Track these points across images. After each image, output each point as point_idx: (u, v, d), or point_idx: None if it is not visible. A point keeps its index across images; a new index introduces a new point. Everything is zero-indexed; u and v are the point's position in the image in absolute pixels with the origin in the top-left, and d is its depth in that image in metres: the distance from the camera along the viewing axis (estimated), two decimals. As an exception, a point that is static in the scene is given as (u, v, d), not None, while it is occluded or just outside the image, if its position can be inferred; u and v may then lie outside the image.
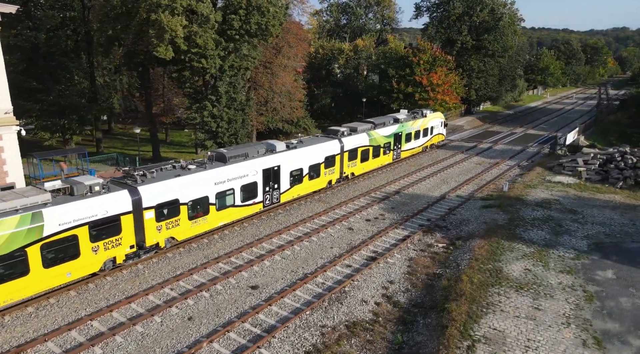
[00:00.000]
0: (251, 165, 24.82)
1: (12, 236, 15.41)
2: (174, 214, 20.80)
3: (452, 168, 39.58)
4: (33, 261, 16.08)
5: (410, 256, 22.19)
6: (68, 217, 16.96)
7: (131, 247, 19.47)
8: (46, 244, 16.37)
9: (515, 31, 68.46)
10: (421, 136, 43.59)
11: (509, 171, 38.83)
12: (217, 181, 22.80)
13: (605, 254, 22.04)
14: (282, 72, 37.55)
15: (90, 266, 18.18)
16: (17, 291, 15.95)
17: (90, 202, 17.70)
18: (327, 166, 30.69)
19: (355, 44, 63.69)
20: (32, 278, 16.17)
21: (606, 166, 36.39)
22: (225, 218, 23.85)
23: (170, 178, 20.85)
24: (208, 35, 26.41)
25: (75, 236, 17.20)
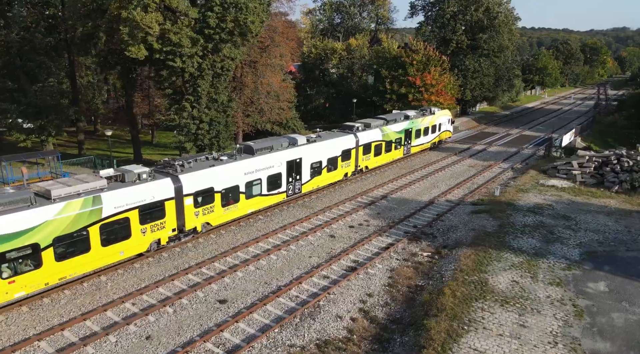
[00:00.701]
0: (276, 157, 26.55)
1: (77, 216, 17.37)
2: (209, 201, 22.72)
3: (443, 171, 38.45)
4: (93, 239, 18.04)
5: (392, 266, 21.06)
6: (122, 201, 18.82)
7: (173, 230, 21.35)
8: (104, 225, 18.30)
9: (511, 30, 67.22)
10: (430, 133, 44.87)
11: (502, 174, 37.71)
12: (246, 171, 24.62)
13: (598, 264, 20.93)
14: (268, 72, 36.42)
15: (139, 246, 20.05)
16: (80, 266, 17.96)
17: (139, 188, 19.55)
18: (343, 159, 32.59)
19: (348, 44, 62.52)
20: (92, 255, 18.15)
21: (602, 169, 35.27)
22: (253, 206, 25.65)
23: (206, 168, 22.74)
24: (183, 33, 25.29)
25: (127, 218, 19.09)
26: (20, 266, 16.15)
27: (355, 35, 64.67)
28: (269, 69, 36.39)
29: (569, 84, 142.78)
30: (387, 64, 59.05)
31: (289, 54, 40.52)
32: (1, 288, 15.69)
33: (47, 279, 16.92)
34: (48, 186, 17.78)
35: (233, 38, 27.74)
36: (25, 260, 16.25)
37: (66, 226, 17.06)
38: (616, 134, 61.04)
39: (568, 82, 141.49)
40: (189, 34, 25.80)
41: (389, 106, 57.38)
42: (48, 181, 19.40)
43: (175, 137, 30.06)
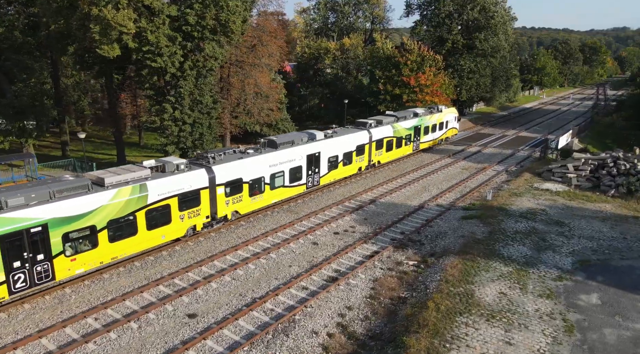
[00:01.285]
0: (297, 151, 28.20)
1: (127, 202, 19.09)
2: (238, 191, 24.44)
3: (436, 174, 37.48)
4: (140, 223, 19.71)
5: (375, 276, 20.11)
6: (164, 189, 20.53)
7: (207, 217, 23.04)
8: (149, 211, 20.00)
9: (507, 30, 66.21)
10: (437, 129, 46.45)
11: (495, 177, 36.75)
12: (270, 164, 26.30)
13: (591, 274, 19.98)
14: (256, 72, 35.44)
15: (178, 231, 21.74)
16: (129, 248, 19.62)
17: (178, 177, 21.28)
18: (358, 154, 34.20)
19: (342, 43, 61.53)
20: (139, 237, 19.83)
21: (598, 172, 34.33)
22: (277, 197, 27.38)
23: (236, 160, 24.45)
24: (160, 32, 24.33)
25: (168, 205, 20.80)
26: (80, 245, 17.97)
27: (349, 35, 63.63)
28: (257, 69, 35.42)
29: (568, 84, 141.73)
30: (381, 65, 58.12)
31: (279, 53, 39.54)
32: (65, 265, 17.53)
33: (101, 259, 18.79)
34: (101, 174, 19.78)
35: (216, 37, 26.78)
36: (84, 240, 18.08)
37: (118, 210, 18.89)
38: (614, 135, 60.05)
39: (567, 82, 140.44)
40: (167, 32, 24.81)
41: (383, 106, 56.42)
42: (99, 170, 21.13)
43: (158, 139, 29.09)
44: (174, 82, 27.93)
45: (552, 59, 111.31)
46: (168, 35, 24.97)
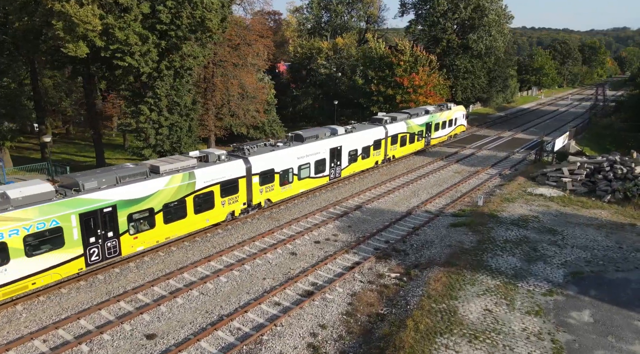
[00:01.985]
0: (321, 145, 30.20)
1: (179, 187, 21.22)
2: (270, 180, 26.48)
3: (426, 178, 36.27)
4: (189, 208, 21.81)
5: (354, 290, 18.90)
6: (208, 177, 22.57)
7: (244, 204, 25.13)
8: (196, 196, 22.08)
9: (502, 29, 65.01)
10: (447, 126, 48.61)
11: (488, 181, 35.52)
12: (298, 156, 28.31)
13: (584, 288, 18.78)
14: (241, 72, 34.22)
15: (220, 216, 23.85)
16: (179, 230, 21.72)
17: (220, 167, 23.36)
18: (375, 148, 36.16)
19: (334, 43, 60.29)
20: (187, 220, 21.95)
21: (594, 176, 33.11)
22: (303, 187, 29.42)
23: (268, 152, 26.48)
24: (130, 30, 23.10)
25: (212, 191, 22.85)
26: (141, 225, 20.00)
27: (342, 34, 62.40)
28: (241, 69, 34.20)
29: (567, 85, 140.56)
30: (374, 65, 56.92)
31: (267, 53, 38.36)
32: (129, 242, 19.63)
33: (157, 238, 20.86)
34: (156, 162, 21.87)
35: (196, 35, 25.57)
36: (144, 221, 20.08)
37: (171, 195, 20.94)
38: (613, 136, 58.84)
39: (566, 82, 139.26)
40: (138, 30, 23.59)
41: (376, 108, 55.25)
42: (153, 159, 23.28)
43: (133, 142, 27.90)
44: (151, 83, 26.73)
45: (550, 59, 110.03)
46: (139, 33, 23.74)
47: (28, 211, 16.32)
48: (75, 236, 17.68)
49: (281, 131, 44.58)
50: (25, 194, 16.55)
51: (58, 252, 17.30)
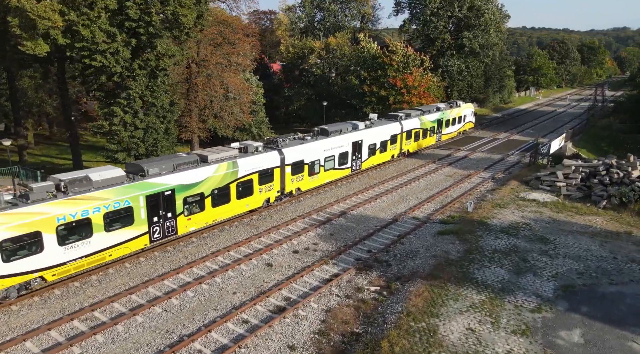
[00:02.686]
0: (344, 138, 32.52)
1: (225, 175, 23.46)
2: (300, 170, 28.75)
3: (416, 182, 35.05)
4: (232, 193, 24.08)
5: (329, 305, 17.70)
6: (249, 166, 24.87)
7: (278, 192, 27.45)
8: (239, 183, 24.39)
9: (499, 28, 63.83)
10: (457, 123, 50.89)
11: (480, 186, 34.31)
12: (324, 148, 30.48)
13: (574, 304, 17.59)
14: (224, 73, 32.98)
15: (257, 202, 26.17)
16: (224, 213, 24.06)
17: (259, 157, 25.65)
18: (391, 143, 38.55)
19: (327, 43, 59.07)
20: (231, 205, 24.28)
21: (589, 180, 31.92)
22: (328, 177, 31.73)
23: (299, 144, 28.67)
24: (96, 27, 21.89)
25: (251, 179, 25.09)
26: (193, 208, 22.29)
27: (335, 34, 61.19)
28: (225, 69, 32.96)
29: (565, 85, 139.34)
30: (367, 65, 55.76)
31: (253, 52, 37.16)
32: (184, 223, 22.00)
33: (206, 220, 23.19)
34: (204, 152, 24.16)
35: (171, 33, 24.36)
36: (196, 204, 22.35)
37: (218, 181, 23.17)
38: (611, 138, 57.63)
39: (565, 82, 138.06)
40: (105, 27, 22.37)
41: (369, 109, 54.09)
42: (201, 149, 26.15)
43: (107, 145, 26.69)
44: (124, 83, 25.51)
45: (548, 59, 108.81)
46: (106, 30, 22.52)
47: (107, 191, 18.79)
48: (142, 215, 20.09)
49: (268, 132, 43.38)
50: (103, 177, 18.98)
51: (129, 229, 19.74)
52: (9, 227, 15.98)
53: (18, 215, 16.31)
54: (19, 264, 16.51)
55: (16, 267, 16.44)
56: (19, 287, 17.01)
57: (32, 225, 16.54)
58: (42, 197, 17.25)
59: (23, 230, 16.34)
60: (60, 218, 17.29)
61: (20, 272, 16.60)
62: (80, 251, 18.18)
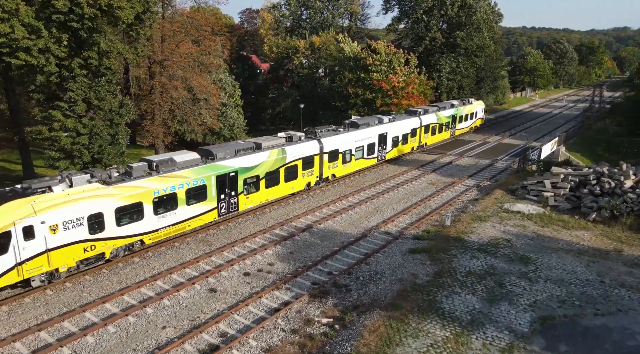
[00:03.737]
0: (372, 131, 35.36)
1: (275, 160, 26.51)
2: (335, 159, 31.64)
3: (395, 190, 32.74)
4: (281, 177, 27.12)
5: (271, 343, 15.39)
6: (294, 153, 27.79)
7: (317, 177, 30.46)
8: (286, 168, 27.34)
9: (492, 28, 61.50)
10: (469, 119, 53.76)
11: (463, 195, 32.01)
12: (355, 139, 33.37)
13: (553, 341, 15.31)
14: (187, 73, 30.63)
15: (300, 186, 29.22)
16: (273, 194, 27.15)
17: (302, 145, 28.58)
18: (411, 136, 41.43)
19: (311, 42, 56.73)
20: (279, 187, 27.24)
21: (579, 190, 29.64)
22: (358, 166, 34.78)
23: (334, 135, 31.57)
24: (16, 21, 19.58)
25: (296, 165, 28.01)
26: (251, 188, 25.31)
27: (319, 33, 58.84)
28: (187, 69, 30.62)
29: (563, 85, 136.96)
30: (349, 66, 53.38)
31: (224, 51, 34.86)
32: (243, 201, 25.05)
33: (260, 199, 26.22)
34: (258, 140, 27.28)
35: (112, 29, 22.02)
36: (253, 185, 25.41)
37: (270, 165, 26.14)
38: (606, 142, 55.30)
39: (562, 83, 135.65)
40: (27, 21, 20.03)
41: (354, 111, 51.74)
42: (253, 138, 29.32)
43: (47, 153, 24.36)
44: (65, 84, 23.20)
45: (543, 59, 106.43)
46: (29, 24, 20.22)
47: (187, 171, 22.11)
48: (213, 193, 23.26)
49: (244, 135, 41.06)
50: (184, 159, 22.40)
51: (203, 203, 22.97)
52: (121, 198, 19.40)
53: (127, 188, 19.70)
54: (127, 228, 19.89)
55: (125, 231, 19.84)
56: (125, 248, 20.40)
57: (136, 197, 19.91)
58: (141, 175, 20.65)
59: (130, 200, 19.74)
60: (155, 192, 20.68)
61: (128, 235, 20.04)
62: (168, 220, 21.50)
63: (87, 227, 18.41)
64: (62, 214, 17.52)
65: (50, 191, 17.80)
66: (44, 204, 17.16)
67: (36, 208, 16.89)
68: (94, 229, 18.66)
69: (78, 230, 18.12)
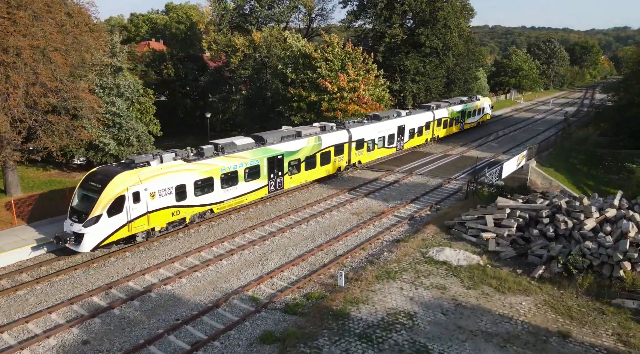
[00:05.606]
0: (392, 123, 39.48)
1: (313, 146, 30.98)
2: (361, 147, 36.01)
3: (304, 224, 25.91)
4: (317, 161, 31.63)
5: None
6: (328, 141, 32.27)
7: (346, 163, 34.87)
8: (322, 154, 31.84)
9: (459, 24, 54.67)
10: (477, 114, 57.54)
11: (386, 232, 25.17)
12: (377, 130, 37.66)
13: None
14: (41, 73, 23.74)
15: (333, 169, 33.68)
16: (310, 176, 31.66)
17: (334, 134, 33.07)
18: (426, 129, 44.75)
19: (251, 39, 49.78)
20: (316, 170, 31.79)
21: (528, 230, 22.91)
22: (380, 154, 38.92)
23: (360, 126, 35.99)
24: None
25: (329, 151, 32.55)
26: (293, 170, 29.69)
27: (262, 28, 51.81)
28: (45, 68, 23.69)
29: (553, 87, 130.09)
30: (295, 65, 46.54)
31: (99, 47, 27.99)
32: (287, 180, 29.43)
33: (301, 180, 30.83)
34: (298, 128, 31.57)
35: None
36: (295, 167, 29.78)
37: (309, 150, 30.59)
38: (586, 153, 48.50)
39: (552, 84, 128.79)
40: None
41: (298, 117, 44.92)
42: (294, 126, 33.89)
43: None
44: None
45: (531, 58, 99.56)
46: None
47: (246, 153, 26.38)
48: (265, 172, 27.33)
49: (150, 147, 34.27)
50: (243, 143, 26.64)
51: (257, 181, 27.06)
52: (199, 172, 23.49)
53: (203, 165, 23.82)
54: (202, 198, 23.85)
55: (201, 200, 23.82)
56: (200, 215, 24.29)
57: (209, 172, 23.95)
58: (211, 155, 24.63)
59: (205, 175, 23.79)
60: (223, 169, 24.65)
61: (202, 204, 23.98)
62: (231, 193, 25.41)
63: (175, 196, 22.33)
64: (158, 184, 21.52)
65: (149, 165, 21.76)
66: (146, 175, 21.20)
67: (141, 178, 20.93)
68: (179, 197, 22.56)
69: (168, 197, 22.07)
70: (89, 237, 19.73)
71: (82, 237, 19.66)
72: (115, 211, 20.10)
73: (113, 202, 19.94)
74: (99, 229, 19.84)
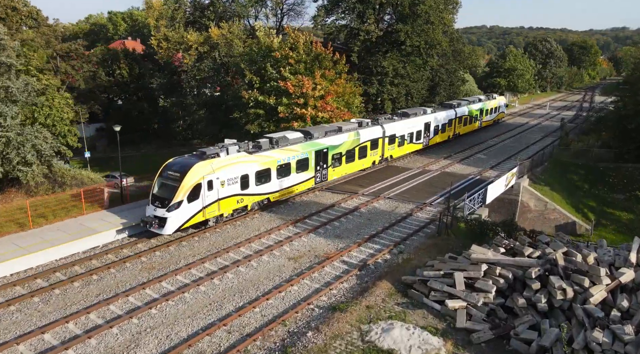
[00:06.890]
0: (419, 120, 42.29)
1: (353, 141, 33.28)
2: (393, 142, 38.28)
3: (218, 278, 19.45)
4: (356, 154, 33.92)
5: None
6: (365, 136, 34.62)
7: (380, 156, 37.10)
8: (360, 148, 34.11)
9: (442, 19, 48.36)
10: (493, 112, 60.21)
11: (326, 290, 18.78)
12: (407, 126, 40.20)
13: None
14: None
15: (369, 163, 35.94)
16: (350, 169, 33.93)
17: (370, 130, 35.43)
18: (448, 126, 48.18)
19: (207, 36, 43.44)
20: (354, 163, 34.11)
21: (512, 295, 16.59)
22: (409, 149, 41.45)
23: (391, 122, 38.38)
24: None
25: (366, 145, 34.82)
26: (335, 163, 31.92)
27: (220, 24, 45.36)
28: None
29: (551, 89, 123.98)
30: (257, 65, 40.25)
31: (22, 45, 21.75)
32: (331, 172, 31.68)
33: (342, 172, 33.01)
34: (339, 124, 33.90)
35: None
36: (337, 160, 32.09)
37: (349, 145, 32.83)
38: (586, 169, 42.36)
39: (550, 86, 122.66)
40: None
41: (255, 126, 38.54)
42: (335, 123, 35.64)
43: None
44: None
45: (526, 58, 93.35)
46: None
47: (296, 146, 28.73)
48: (312, 164, 29.77)
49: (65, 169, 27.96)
50: (293, 137, 28.88)
51: (305, 173, 29.44)
52: (260, 164, 25.91)
53: (262, 156, 26.28)
54: (261, 187, 26.26)
55: (260, 189, 26.24)
56: (259, 203, 26.83)
57: (267, 164, 26.37)
58: (268, 147, 27.10)
59: (264, 166, 26.21)
60: (278, 161, 27.10)
61: (261, 193, 26.49)
62: (285, 183, 27.95)
63: (240, 185, 24.75)
64: (227, 173, 23.99)
65: (218, 157, 24.12)
66: (217, 165, 23.66)
67: (214, 167, 23.43)
68: (243, 186, 24.98)
69: (235, 186, 24.53)
70: (172, 221, 21.94)
71: (165, 221, 21.88)
72: (194, 198, 22.40)
73: (192, 189, 22.25)
74: (180, 213, 22.06)
